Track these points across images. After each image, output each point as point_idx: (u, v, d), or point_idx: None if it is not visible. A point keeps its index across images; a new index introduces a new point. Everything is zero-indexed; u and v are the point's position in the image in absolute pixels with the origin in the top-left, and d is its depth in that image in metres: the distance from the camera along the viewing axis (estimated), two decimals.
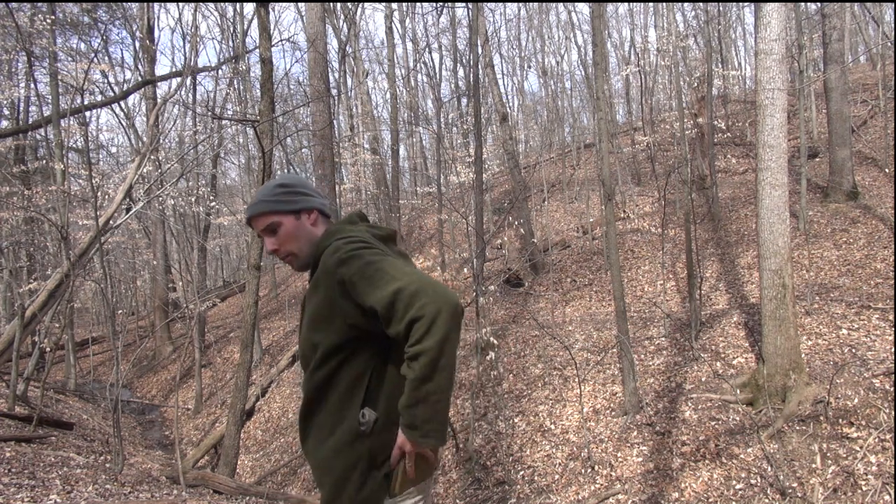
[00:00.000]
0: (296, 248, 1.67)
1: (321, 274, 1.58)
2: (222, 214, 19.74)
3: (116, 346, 8.29)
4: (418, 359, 1.43)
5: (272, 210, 1.68)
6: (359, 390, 1.59)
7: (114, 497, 5.24)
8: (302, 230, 1.70)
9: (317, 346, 1.61)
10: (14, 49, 12.90)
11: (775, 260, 5.69)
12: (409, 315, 1.44)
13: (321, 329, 1.60)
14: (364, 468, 1.57)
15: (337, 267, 1.55)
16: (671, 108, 16.18)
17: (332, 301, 1.56)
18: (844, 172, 10.42)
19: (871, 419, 4.93)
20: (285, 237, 1.67)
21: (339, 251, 1.57)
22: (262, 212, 1.69)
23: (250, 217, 1.70)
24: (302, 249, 1.68)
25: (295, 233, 1.68)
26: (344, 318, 1.56)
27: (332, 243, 1.63)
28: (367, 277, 1.51)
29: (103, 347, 19.18)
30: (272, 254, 1.70)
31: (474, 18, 11.70)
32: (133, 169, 10.95)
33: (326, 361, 1.60)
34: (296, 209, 1.71)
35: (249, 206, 1.70)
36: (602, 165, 7.05)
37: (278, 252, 1.68)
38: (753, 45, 6.11)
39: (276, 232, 1.68)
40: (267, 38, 6.59)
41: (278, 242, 1.68)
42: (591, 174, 16.89)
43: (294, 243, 1.67)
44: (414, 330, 1.44)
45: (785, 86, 5.70)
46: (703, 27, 14.92)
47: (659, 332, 8.33)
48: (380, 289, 1.48)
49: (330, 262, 1.56)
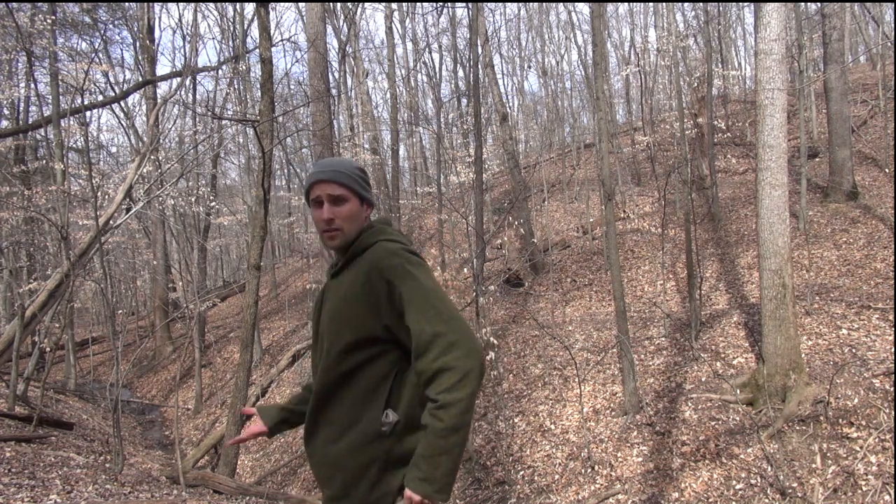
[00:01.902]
0: (346, 227, 1.67)
1: (373, 268, 1.57)
2: (222, 214, 19.74)
3: (116, 346, 8.28)
4: (448, 409, 1.44)
5: (349, 184, 1.68)
6: (382, 391, 1.59)
7: (114, 497, 5.24)
8: (359, 216, 1.71)
9: (342, 336, 1.60)
10: (14, 49, 12.90)
11: (775, 260, 5.69)
12: (441, 361, 1.46)
13: (353, 321, 1.59)
14: (379, 468, 1.56)
15: (396, 271, 1.55)
16: (671, 108, 16.17)
17: (377, 298, 1.56)
18: (844, 172, 10.42)
19: (871, 419, 4.92)
20: (346, 214, 1.67)
21: (401, 257, 1.57)
22: (339, 181, 1.67)
23: (323, 179, 1.67)
24: (350, 231, 1.68)
25: (354, 215, 1.69)
26: (380, 318, 1.57)
27: (388, 243, 1.64)
28: (422, 301, 1.52)
29: (103, 347, 19.18)
30: (322, 222, 1.67)
31: (474, 18, 11.70)
32: (133, 169, 10.95)
33: (351, 355, 1.60)
34: (364, 197, 1.73)
35: (324, 170, 1.68)
36: (602, 165, 7.05)
37: (331, 222, 1.66)
38: (753, 45, 6.11)
39: (339, 204, 1.67)
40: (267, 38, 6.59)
41: (336, 214, 1.66)
42: (591, 174, 16.89)
43: (348, 223, 1.67)
44: (443, 378, 1.46)
45: (785, 86, 5.70)
46: (703, 27, 14.91)
47: (659, 332, 8.33)
48: (427, 321, 1.50)
49: (390, 263, 1.56)
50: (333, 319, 1.62)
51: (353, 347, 1.59)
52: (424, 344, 1.49)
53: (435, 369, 1.47)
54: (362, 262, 1.62)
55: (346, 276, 1.65)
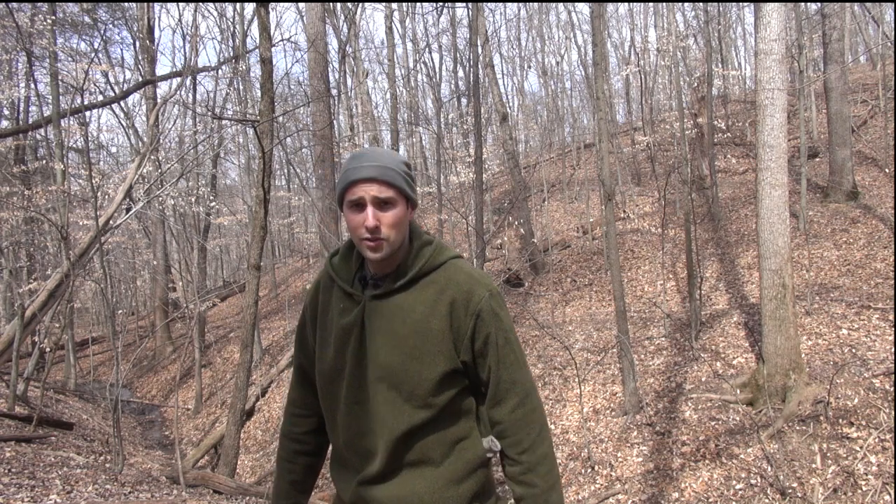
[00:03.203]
0: (393, 235, 1.38)
1: (459, 298, 1.39)
2: (222, 214, 19.74)
3: (116, 346, 8.28)
4: (537, 470, 1.40)
5: (398, 184, 1.38)
6: (473, 421, 1.47)
7: (114, 497, 5.24)
8: (406, 222, 1.42)
9: (432, 369, 1.39)
10: (14, 49, 12.90)
11: (775, 260, 5.69)
12: (519, 413, 1.41)
13: (442, 354, 1.39)
14: (480, 497, 1.47)
15: (486, 307, 1.40)
16: (671, 108, 16.18)
17: (458, 332, 1.40)
18: (844, 172, 10.42)
19: (871, 419, 4.92)
20: (394, 220, 1.37)
21: (485, 288, 1.41)
22: (387, 180, 1.36)
23: (367, 178, 1.36)
24: (396, 241, 1.40)
25: (402, 221, 1.40)
26: (460, 353, 1.40)
27: (461, 263, 1.46)
28: (503, 344, 1.42)
29: (103, 347, 19.18)
30: (364, 229, 1.37)
31: (474, 18, 11.70)
32: (133, 169, 10.95)
33: (443, 391, 1.41)
34: (412, 198, 1.44)
35: (368, 166, 1.37)
36: (602, 165, 7.05)
37: (376, 230, 1.36)
38: (753, 45, 6.11)
39: (385, 208, 1.37)
40: (267, 38, 6.59)
41: (383, 220, 1.37)
42: (591, 174, 16.88)
43: (395, 231, 1.38)
44: (521, 433, 1.41)
45: (785, 86, 5.70)
46: (703, 27, 14.91)
47: (659, 332, 8.33)
48: (505, 367, 1.41)
49: (479, 295, 1.40)
50: (412, 353, 1.39)
51: (445, 382, 1.40)
52: (503, 391, 1.41)
53: (512, 421, 1.40)
54: (436, 284, 1.41)
55: (410, 300, 1.41)
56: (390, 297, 1.42)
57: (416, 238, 1.48)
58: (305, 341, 1.58)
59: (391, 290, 1.42)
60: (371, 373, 1.41)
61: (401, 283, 1.42)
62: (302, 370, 1.59)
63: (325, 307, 1.51)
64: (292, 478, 1.60)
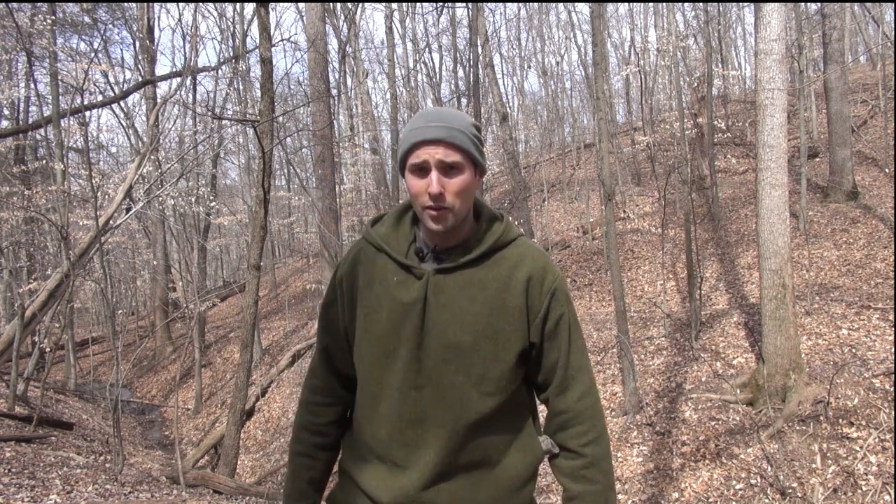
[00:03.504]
0: (458, 204, 1.24)
1: (535, 276, 1.29)
2: (222, 214, 19.74)
3: (116, 346, 8.28)
4: (600, 465, 1.30)
5: (466, 148, 1.24)
6: (530, 415, 1.37)
7: (114, 497, 5.24)
8: (473, 191, 1.28)
9: (506, 352, 1.27)
10: (14, 49, 12.90)
11: (775, 260, 5.69)
12: (585, 403, 1.31)
13: (515, 334, 1.28)
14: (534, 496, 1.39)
15: (560, 287, 1.31)
16: (671, 108, 16.17)
17: (531, 312, 1.29)
18: (844, 172, 10.42)
19: (871, 419, 4.92)
20: (460, 187, 1.24)
21: (558, 277, 1.31)
22: (455, 143, 1.23)
23: (434, 139, 1.22)
24: (461, 211, 1.26)
25: (469, 189, 1.26)
26: (529, 336, 1.30)
27: (529, 241, 1.36)
28: (574, 327, 1.33)
29: (103, 347, 19.18)
30: (427, 196, 1.23)
31: (474, 18, 11.70)
32: (133, 169, 10.95)
33: (513, 378, 1.30)
34: (481, 165, 1.30)
35: (435, 126, 1.23)
36: (602, 165, 7.05)
37: (440, 197, 1.23)
38: (753, 45, 6.11)
39: (451, 174, 1.24)
40: (267, 38, 6.59)
41: (448, 187, 1.23)
42: (591, 174, 16.88)
43: (461, 199, 1.24)
44: (586, 424, 1.30)
45: (785, 86, 5.70)
46: (703, 27, 14.92)
47: (659, 332, 8.33)
48: (573, 353, 1.32)
49: (554, 275, 1.31)
50: (486, 332, 1.26)
51: (518, 365, 1.29)
52: (571, 378, 1.31)
53: (579, 410, 1.30)
54: (508, 260, 1.30)
55: (480, 275, 1.28)
56: (458, 272, 1.28)
57: (482, 210, 1.36)
58: (335, 321, 1.39)
59: (460, 265, 1.28)
60: (435, 353, 1.26)
61: (471, 258, 1.29)
62: (327, 353, 1.42)
63: (368, 280, 1.33)
64: (311, 475, 1.43)
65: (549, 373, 1.32)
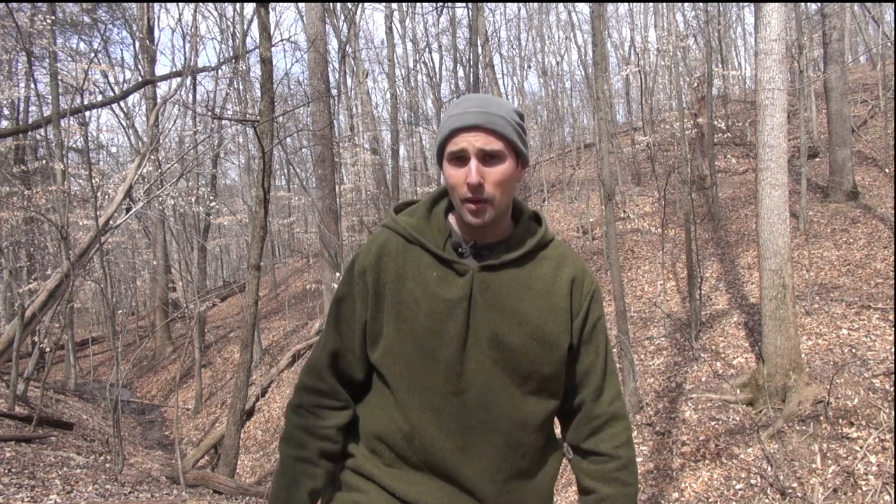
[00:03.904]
0: (499, 196, 1.17)
1: (577, 278, 1.25)
2: (222, 214, 19.75)
3: (116, 346, 8.29)
4: (631, 468, 1.26)
5: (509, 136, 1.17)
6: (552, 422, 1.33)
7: (114, 497, 5.24)
8: (514, 183, 1.21)
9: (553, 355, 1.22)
10: (14, 49, 12.90)
11: (775, 260, 5.69)
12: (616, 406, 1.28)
13: (562, 337, 1.23)
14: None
15: (597, 289, 1.28)
16: (671, 108, 16.17)
17: (573, 314, 1.25)
18: (844, 172, 10.42)
19: (871, 419, 4.93)
20: (501, 177, 1.16)
21: (595, 279, 1.29)
22: (497, 130, 1.16)
23: (473, 126, 1.15)
24: (502, 203, 1.18)
25: (510, 180, 1.18)
26: (569, 341, 1.25)
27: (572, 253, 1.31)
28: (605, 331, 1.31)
29: (103, 347, 19.18)
30: (466, 187, 1.16)
31: (474, 18, 11.71)
32: (133, 169, 10.95)
33: (559, 382, 1.27)
34: (523, 155, 1.22)
35: (476, 111, 1.16)
36: (602, 165, 7.05)
37: (479, 188, 1.15)
38: (753, 45, 6.11)
39: (492, 163, 1.16)
40: (267, 38, 6.59)
41: (488, 177, 1.16)
42: (591, 174, 16.88)
43: (501, 191, 1.17)
44: (618, 427, 1.27)
45: (785, 86, 5.70)
46: (703, 27, 14.92)
47: (659, 332, 8.33)
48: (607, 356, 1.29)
49: (591, 277, 1.28)
50: (534, 334, 1.20)
51: (562, 371, 1.26)
52: (605, 381, 1.28)
53: (612, 413, 1.27)
54: (551, 260, 1.26)
55: (524, 274, 1.23)
56: (503, 271, 1.21)
57: (521, 207, 1.30)
58: (350, 318, 1.27)
59: (505, 263, 1.21)
60: (481, 356, 1.18)
61: (516, 255, 1.22)
62: (335, 355, 1.29)
63: (400, 274, 1.22)
64: (313, 486, 1.27)
65: (584, 377, 1.27)
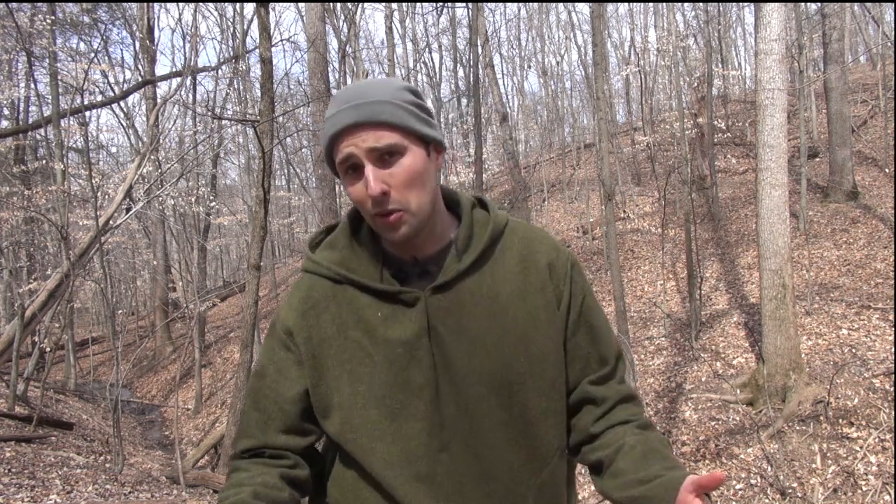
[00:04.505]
0: (414, 199, 0.92)
1: (553, 264, 1.03)
2: (222, 214, 19.76)
3: (116, 346, 8.29)
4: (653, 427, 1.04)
5: (403, 124, 0.91)
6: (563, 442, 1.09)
7: (114, 497, 5.24)
8: (430, 175, 0.95)
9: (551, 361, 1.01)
10: (14, 49, 12.90)
11: (775, 260, 5.69)
12: (627, 386, 1.07)
13: (550, 337, 1.01)
14: None
15: (578, 268, 1.06)
16: (671, 108, 16.18)
17: (557, 306, 1.02)
18: (844, 172, 10.42)
19: (871, 419, 4.93)
20: (408, 175, 0.91)
21: (567, 251, 1.07)
22: (387, 121, 0.90)
23: (354, 123, 0.89)
24: (422, 206, 0.94)
25: (422, 174, 0.93)
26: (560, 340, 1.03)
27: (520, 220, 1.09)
28: (600, 308, 1.08)
29: (103, 347, 19.18)
30: (370, 200, 0.91)
31: (474, 18, 11.71)
32: (133, 169, 10.95)
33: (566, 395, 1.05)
34: (432, 138, 0.95)
35: (353, 105, 0.90)
36: (602, 165, 7.05)
37: (386, 196, 0.91)
38: (753, 45, 6.11)
39: (394, 159, 0.91)
40: (267, 38, 6.59)
41: (392, 181, 0.91)
42: (591, 174, 16.88)
43: (414, 191, 0.92)
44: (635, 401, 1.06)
45: (785, 86, 5.70)
46: (703, 27, 14.92)
47: (659, 332, 8.33)
48: (609, 335, 1.07)
49: (569, 258, 1.05)
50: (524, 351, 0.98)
51: (565, 381, 1.04)
52: (613, 364, 1.06)
53: (624, 394, 1.05)
54: (512, 250, 1.03)
55: (487, 280, 1.00)
56: (459, 284, 0.98)
57: (454, 197, 1.06)
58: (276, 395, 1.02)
59: (459, 274, 0.98)
60: (461, 396, 0.96)
61: (471, 261, 0.98)
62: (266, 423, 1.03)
63: (338, 326, 1.00)
64: None
65: (585, 366, 1.05)
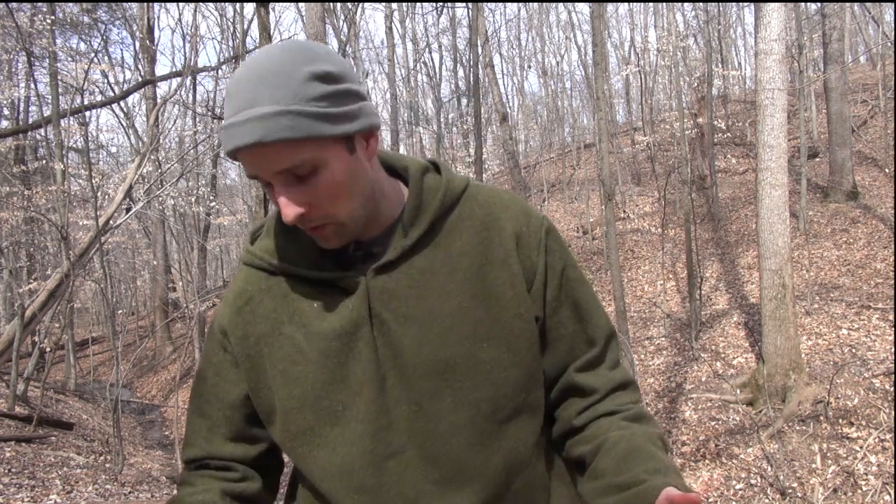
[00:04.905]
0: (343, 209, 0.80)
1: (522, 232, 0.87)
2: (222, 214, 19.76)
3: (116, 346, 8.29)
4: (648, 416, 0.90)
5: (311, 135, 0.74)
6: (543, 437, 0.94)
7: (114, 497, 5.24)
8: (361, 174, 0.81)
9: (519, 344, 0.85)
10: (14, 49, 12.90)
11: (775, 260, 5.69)
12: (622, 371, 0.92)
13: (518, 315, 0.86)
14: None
15: (554, 235, 0.90)
16: (671, 108, 16.17)
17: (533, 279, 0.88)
18: (844, 172, 10.42)
19: (871, 419, 4.93)
20: (330, 190, 0.78)
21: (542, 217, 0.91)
22: (290, 137, 0.73)
23: (249, 144, 0.73)
24: (355, 211, 0.81)
25: (348, 181, 0.79)
26: (532, 319, 0.88)
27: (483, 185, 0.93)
28: (586, 282, 0.93)
29: (103, 347, 19.18)
30: (295, 219, 0.78)
31: (474, 18, 11.71)
32: (133, 169, 10.94)
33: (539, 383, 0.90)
34: (354, 132, 0.78)
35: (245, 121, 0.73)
36: (602, 165, 7.05)
37: (305, 216, 0.78)
38: (753, 45, 6.11)
39: (307, 177, 0.77)
40: (267, 38, 6.59)
41: (313, 196, 0.78)
42: (591, 174, 16.88)
43: (342, 201, 0.79)
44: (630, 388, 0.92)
45: (785, 86, 5.71)
46: (703, 27, 14.92)
47: (659, 332, 8.33)
48: (598, 314, 0.92)
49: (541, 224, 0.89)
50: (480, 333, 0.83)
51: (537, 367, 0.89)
52: (603, 346, 0.91)
53: (616, 382, 0.90)
54: (472, 220, 0.87)
55: (440, 255, 0.85)
56: (406, 262, 0.84)
57: (399, 164, 0.91)
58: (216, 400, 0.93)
59: (406, 251, 0.84)
60: (415, 392, 0.82)
61: (418, 235, 0.84)
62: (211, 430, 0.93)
63: (274, 320, 0.87)
64: None
65: (569, 350, 0.90)
